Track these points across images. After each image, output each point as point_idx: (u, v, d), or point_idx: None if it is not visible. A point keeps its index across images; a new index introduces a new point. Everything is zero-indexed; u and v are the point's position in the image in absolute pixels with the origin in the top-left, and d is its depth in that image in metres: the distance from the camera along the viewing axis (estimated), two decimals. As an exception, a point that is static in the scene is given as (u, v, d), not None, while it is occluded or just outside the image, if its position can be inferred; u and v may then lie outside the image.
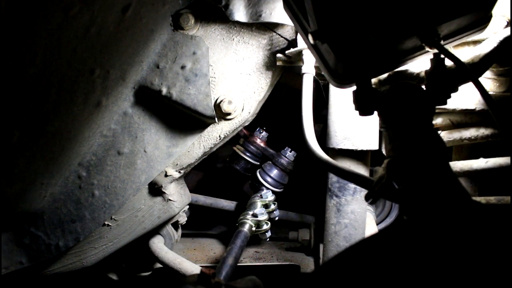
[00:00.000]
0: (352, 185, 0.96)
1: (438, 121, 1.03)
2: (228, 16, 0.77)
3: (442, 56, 0.62)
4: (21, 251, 0.88)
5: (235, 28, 0.83)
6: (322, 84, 0.99)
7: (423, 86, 0.65)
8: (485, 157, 0.97)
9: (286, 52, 0.83)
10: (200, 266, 1.10)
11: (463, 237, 0.31)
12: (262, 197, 1.17)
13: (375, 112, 0.64)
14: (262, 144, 1.29)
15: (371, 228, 1.12)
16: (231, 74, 0.84)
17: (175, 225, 1.20)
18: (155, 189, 0.93)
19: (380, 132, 0.94)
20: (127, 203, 0.89)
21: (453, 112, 0.99)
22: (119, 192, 0.87)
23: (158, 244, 1.14)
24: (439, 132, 1.04)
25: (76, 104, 0.74)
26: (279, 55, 0.84)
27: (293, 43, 0.85)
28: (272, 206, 1.17)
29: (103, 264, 1.09)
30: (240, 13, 0.78)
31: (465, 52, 0.84)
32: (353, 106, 0.63)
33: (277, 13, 0.80)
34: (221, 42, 0.83)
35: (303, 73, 0.82)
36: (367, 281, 0.31)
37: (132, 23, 0.72)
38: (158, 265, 1.25)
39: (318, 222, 1.34)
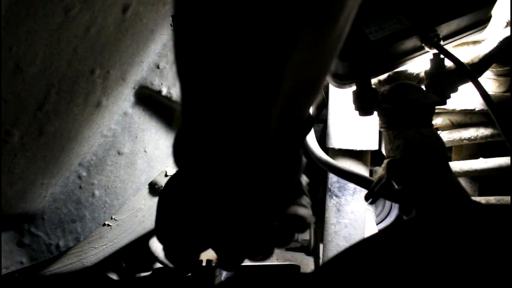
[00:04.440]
0: (352, 185, 0.96)
1: (438, 121, 1.03)
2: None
3: (442, 56, 0.62)
4: (22, 251, 0.88)
5: (235, 28, 0.83)
6: (322, 84, 0.99)
7: (423, 86, 0.66)
8: (485, 157, 0.98)
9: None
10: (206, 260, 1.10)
11: (462, 237, 0.32)
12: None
13: (375, 112, 0.64)
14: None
15: (371, 228, 1.12)
16: (231, 74, 0.84)
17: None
18: (156, 189, 0.93)
19: (380, 132, 0.94)
20: (127, 203, 0.89)
21: (452, 112, 0.99)
22: (120, 192, 0.87)
23: (158, 244, 1.14)
24: (439, 132, 1.04)
25: (77, 104, 0.74)
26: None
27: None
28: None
29: (103, 264, 1.09)
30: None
31: (465, 52, 0.84)
32: (353, 106, 0.63)
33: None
34: (221, 42, 0.83)
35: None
36: (367, 281, 0.31)
37: (132, 23, 0.72)
38: (158, 265, 1.26)
39: (318, 222, 1.34)
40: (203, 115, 0.33)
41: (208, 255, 1.37)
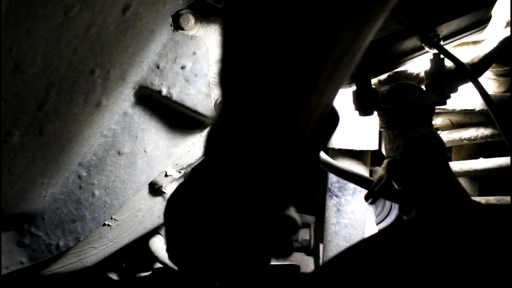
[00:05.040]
0: (352, 185, 0.96)
1: (438, 121, 1.03)
2: (228, 16, 0.77)
3: (442, 56, 0.62)
4: (22, 251, 0.88)
5: (235, 28, 0.83)
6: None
7: (423, 86, 0.66)
8: (485, 157, 0.98)
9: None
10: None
11: (462, 237, 0.32)
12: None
13: (375, 112, 0.64)
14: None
15: (371, 228, 1.12)
16: (231, 74, 0.84)
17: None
18: (156, 189, 0.93)
19: (380, 132, 0.94)
20: (128, 203, 0.89)
21: (452, 112, 0.99)
22: (120, 192, 0.87)
23: (158, 244, 1.14)
24: (439, 132, 1.04)
25: (77, 104, 0.74)
26: (279, 55, 0.84)
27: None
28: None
29: (103, 264, 1.09)
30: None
31: (465, 52, 0.84)
32: (353, 106, 0.63)
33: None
34: (221, 42, 0.83)
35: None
36: (367, 281, 0.31)
37: (132, 24, 0.72)
38: (158, 265, 1.25)
39: (318, 222, 1.34)
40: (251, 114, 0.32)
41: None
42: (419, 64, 0.69)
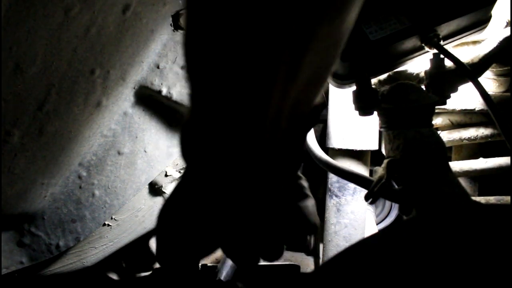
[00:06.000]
0: (352, 185, 0.96)
1: (437, 121, 1.03)
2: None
3: (442, 56, 0.62)
4: (22, 251, 0.88)
5: (235, 28, 0.83)
6: (322, 84, 0.99)
7: (423, 86, 0.66)
8: (485, 157, 0.98)
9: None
10: (201, 265, 1.11)
11: (462, 237, 0.32)
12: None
13: (375, 112, 0.64)
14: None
15: (371, 228, 1.12)
16: (231, 74, 0.84)
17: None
18: (156, 189, 0.93)
19: (380, 132, 0.94)
20: (127, 203, 0.89)
21: (452, 112, 0.99)
22: (120, 192, 0.87)
23: (158, 244, 1.14)
24: (439, 132, 1.04)
25: (77, 104, 0.74)
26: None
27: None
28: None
29: (103, 264, 1.09)
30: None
31: (465, 52, 0.84)
32: (353, 106, 0.63)
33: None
34: (221, 42, 0.83)
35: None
36: (367, 281, 0.31)
37: (132, 23, 0.72)
38: (158, 265, 1.25)
39: (318, 222, 1.34)
40: (218, 108, 0.34)
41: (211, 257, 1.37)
42: (419, 64, 0.69)
